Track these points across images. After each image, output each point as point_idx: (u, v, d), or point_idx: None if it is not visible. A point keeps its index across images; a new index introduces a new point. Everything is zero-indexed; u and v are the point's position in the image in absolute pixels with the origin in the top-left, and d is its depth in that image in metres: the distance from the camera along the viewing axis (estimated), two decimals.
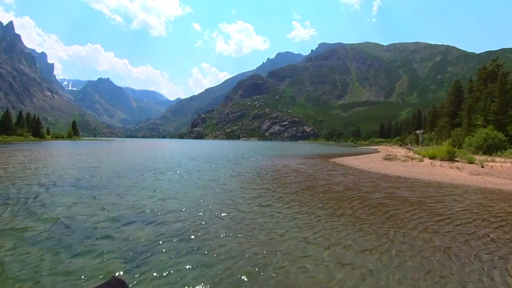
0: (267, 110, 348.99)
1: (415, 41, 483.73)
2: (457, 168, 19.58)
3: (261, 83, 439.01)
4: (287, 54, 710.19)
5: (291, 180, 15.36)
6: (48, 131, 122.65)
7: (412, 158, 27.83)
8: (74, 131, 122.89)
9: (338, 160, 30.47)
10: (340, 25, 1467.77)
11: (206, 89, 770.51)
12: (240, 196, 11.01)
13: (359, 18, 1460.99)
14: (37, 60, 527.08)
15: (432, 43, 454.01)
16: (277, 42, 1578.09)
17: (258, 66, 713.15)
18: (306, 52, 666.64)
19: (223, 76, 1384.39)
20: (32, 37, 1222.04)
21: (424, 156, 28.96)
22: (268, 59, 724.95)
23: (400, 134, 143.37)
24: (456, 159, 25.37)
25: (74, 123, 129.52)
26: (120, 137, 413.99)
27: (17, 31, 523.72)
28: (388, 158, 30.38)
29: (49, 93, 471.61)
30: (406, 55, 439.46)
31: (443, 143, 46.40)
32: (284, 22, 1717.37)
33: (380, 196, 11.26)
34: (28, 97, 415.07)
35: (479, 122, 36.64)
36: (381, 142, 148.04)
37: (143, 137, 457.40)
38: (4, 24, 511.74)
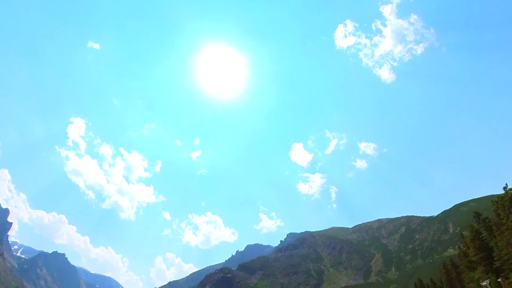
0: None
1: (376, 218, 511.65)
2: None
3: (231, 277, 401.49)
4: (257, 246, 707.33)
5: None
6: None
7: None
8: None
9: None
10: (305, 214, 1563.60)
11: (169, 282, 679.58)
12: None
13: (321, 206, 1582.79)
14: None
15: (392, 216, 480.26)
16: (245, 234, 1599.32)
17: (227, 259, 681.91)
18: (275, 243, 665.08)
19: (188, 268, 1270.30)
20: (2, 190, 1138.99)
21: None
22: (237, 251, 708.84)
23: None
24: None
25: None
26: None
27: None
28: None
29: None
30: (373, 233, 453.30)
31: None
32: (251, 214, 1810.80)
33: None
34: None
35: None
36: None
37: None
38: None
